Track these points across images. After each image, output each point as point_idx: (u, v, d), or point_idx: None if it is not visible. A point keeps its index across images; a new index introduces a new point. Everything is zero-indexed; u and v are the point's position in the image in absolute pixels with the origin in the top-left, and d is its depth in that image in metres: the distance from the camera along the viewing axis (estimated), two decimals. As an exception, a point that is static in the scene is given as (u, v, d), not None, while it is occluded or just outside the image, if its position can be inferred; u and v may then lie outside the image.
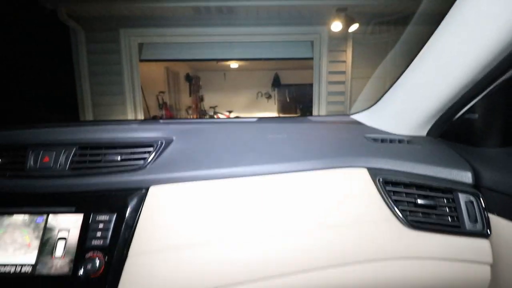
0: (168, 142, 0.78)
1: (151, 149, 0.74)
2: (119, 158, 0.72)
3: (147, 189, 0.69)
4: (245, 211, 0.66)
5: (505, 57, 0.59)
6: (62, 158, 0.72)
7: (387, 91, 0.92)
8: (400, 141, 0.82)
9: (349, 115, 1.09)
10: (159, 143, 0.75)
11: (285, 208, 0.66)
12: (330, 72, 2.05)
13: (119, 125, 0.85)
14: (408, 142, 0.82)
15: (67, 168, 0.71)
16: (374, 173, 0.71)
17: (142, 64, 2.26)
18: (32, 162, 0.71)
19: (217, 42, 2.34)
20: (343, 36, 1.97)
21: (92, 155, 0.73)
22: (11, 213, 0.69)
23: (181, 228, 0.64)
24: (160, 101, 4.36)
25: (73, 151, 0.72)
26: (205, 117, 3.96)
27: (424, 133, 0.87)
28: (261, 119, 1.14)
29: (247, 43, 2.30)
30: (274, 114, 4.01)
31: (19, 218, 0.69)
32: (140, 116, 2.28)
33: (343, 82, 2.00)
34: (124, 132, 0.80)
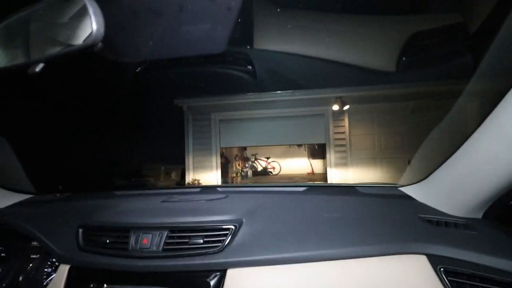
0: (240, 224, 0.90)
1: (227, 232, 0.87)
2: (201, 241, 0.85)
3: (225, 271, 0.80)
4: None
5: None
6: (157, 240, 0.87)
7: (440, 165, 0.93)
8: (456, 225, 0.85)
9: (397, 186, 1.14)
10: (233, 227, 0.88)
11: None
12: (335, 132, 3.56)
13: (197, 203, 1.01)
14: (465, 226, 0.85)
15: (161, 250, 0.85)
16: (434, 261, 0.75)
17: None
18: (133, 243, 0.88)
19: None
20: (342, 111, 3.57)
21: (180, 237, 0.87)
22: (116, 289, 0.84)
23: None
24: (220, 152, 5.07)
25: (165, 234, 0.87)
26: (248, 162, 4.35)
27: (480, 215, 0.89)
28: (310, 189, 1.24)
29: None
30: (305, 158, 4.36)
31: (122, 293, 0.83)
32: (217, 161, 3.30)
33: (344, 138, 3.44)
34: (203, 214, 0.94)
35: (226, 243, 0.85)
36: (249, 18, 1.19)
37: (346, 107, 3.72)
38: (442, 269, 0.73)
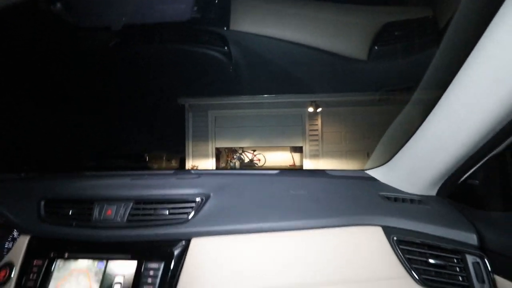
0: (207, 198, 0.91)
1: (193, 204, 0.88)
2: (167, 212, 0.86)
3: (189, 241, 0.81)
4: (271, 264, 0.76)
5: (509, 122, 0.65)
6: (121, 212, 0.86)
7: (399, 149, 1.01)
8: (412, 201, 0.91)
9: (364, 170, 1.20)
10: (199, 199, 0.89)
11: (305, 262, 0.76)
12: (310, 130, 4.26)
13: (167, 180, 1.01)
14: (419, 202, 0.91)
15: (125, 220, 0.85)
16: (388, 231, 0.80)
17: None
18: (97, 214, 0.87)
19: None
20: (316, 113, 4.30)
21: (145, 209, 0.87)
22: (77, 258, 0.83)
23: (218, 276, 0.75)
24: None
25: (130, 206, 0.87)
26: (236, 154, 4.62)
27: (433, 193, 0.95)
28: (282, 172, 1.27)
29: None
30: (287, 151, 4.74)
31: (84, 263, 0.82)
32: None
33: (317, 134, 4.18)
34: (171, 188, 0.95)
35: (191, 215, 0.86)
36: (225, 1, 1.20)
37: (319, 110, 4.50)
38: (395, 238, 0.78)
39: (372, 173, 1.14)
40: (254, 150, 4.73)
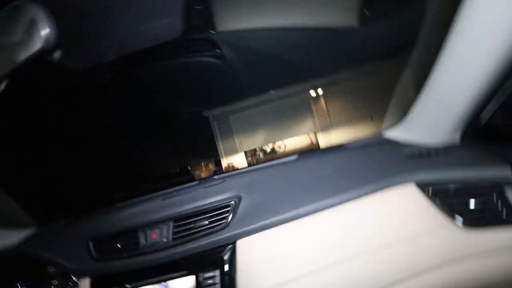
0: (239, 199, 0.94)
1: (228, 208, 0.91)
2: (207, 222, 0.89)
3: (234, 243, 0.85)
4: (316, 245, 0.79)
5: None
6: (165, 232, 0.91)
7: (413, 103, 1.00)
8: (437, 152, 0.91)
9: (382, 134, 1.19)
10: (233, 203, 0.92)
11: (348, 236, 0.78)
12: (317, 110, 3.58)
13: (196, 192, 1.05)
14: (445, 151, 0.90)
15: (171, 240, 0.89)
16: (422, 186, 0.81)
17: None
18: (144, 241, 0.91)
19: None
20: (318, 95, 3.61)
21: (186, 225, 0.91)
22: (138, 287, 0.88)
23: (271, 269, 0.79)
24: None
25: (171, 225, 0.91)
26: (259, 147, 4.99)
27: (457, 140, 0.94)
28: (301, 156, 1.28)
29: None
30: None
31: (146, 289, 0.87)
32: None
33: (324, 114, 3.59)
34: (202, 199, 0.98)
35: (230, 219, 0.89)
36: (206, 5, 1.19)
37: (321, 92, 4.58)
38: (430, 191, 0.78)
39: (391, 134, 1.13)
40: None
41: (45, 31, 0.48)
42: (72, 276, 1.04)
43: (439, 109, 0.87)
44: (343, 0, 1.32)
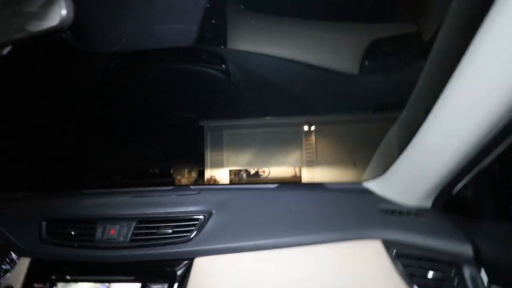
0: (209, 215, 0.92)
1: (196, 222, 0.89)
2: (170, 231, 0.87)
3: (192, 260, 0.82)
4: (275, 282, 0.77)
5: (501, 129, 0.65)
6: (124, 231, 0.87)
7: (394, 161, 1.03)
8: (408, 213, 0.94)
9: (361, 182, 1.22)
10: (202, 217, 0.90)
11: (307, 279, 0.77)
12: (306, 145, 4.12)
13: (168, 197, 1.02)
14: (416, 214, 0.93)
15: (128, 240, 0.85)
16: (388, 245, 0.82)
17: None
18: (100, 234, 0.87)
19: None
20: (310, 130, 4.17)
21: (148, 228, 0.88)
22: (78, 281, 0.83)
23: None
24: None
25: (133, 225, 0.87)
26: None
27: (429, 204, 0.98)
28: (281, 186, 1.28)
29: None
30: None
31: (86, 286, 0.82)
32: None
33: (312, 149, 4.06)
34: (172, 205, 0.95)
35: (194, 233, 0.86)
36: (222, 19, 1.24)
37: (313, 128, 4.90)
38: (394, 252, 0.79)
39: (369, 185, 1.16)
40: (258, 164, 5.02)
41: (63, 11, 0.48)
42: (12, 252, 0.97)
43: (417, 171, 0.91)
44: (349, 47, 1.41)
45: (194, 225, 0.88)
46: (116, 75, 1.33)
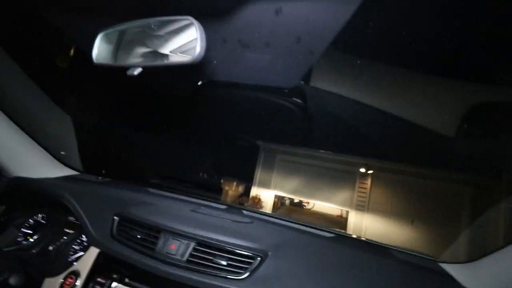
0: (265, 256, 0.88)
1: (252, 261, 0.86)
2: (225, 263, 0.85)
3: None
4: None
5: None
6: (183, 249, 0.88)
7: (493, 251, 0.86)
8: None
9: (437, 261, 1.05)
10: (259, 258, 0.86)
11: None
12: (359, 187, 4.36)
13: (224, 221, 1.02)
14: None
15: (184, 260, 0.86)
16: None
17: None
18: (161, 245, 0.90)
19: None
20: (366, 174, 4.29)
21: (204, 253, 0.88)
22: (134, 287, 0.86)
23: None
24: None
25: (191, 246, 0.89)
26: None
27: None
28: (338, 237, 1.18)
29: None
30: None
31: (140, 294, 0.84)
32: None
33: (365, 193, 4.25)
34: (230, 234, 0.94)
35: (248, 274, 0.83)
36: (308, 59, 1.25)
37: (370, 171, 4.76)
38: None
39: (450, 268, 0.99)
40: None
41: (200, 50, 0.53)
42: (86, 239, 1.07)
43: None
44: (447, 107, 1.27)
45: (249, 263, 0.85)
46: (205, 93, 1.44)
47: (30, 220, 1.24)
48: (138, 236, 0.95)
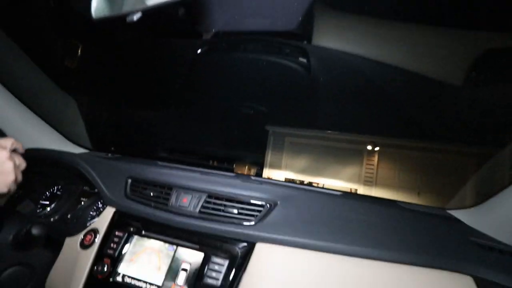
0: (275, 204, 0.91)
1: (261, 208, 0.88)
2: (236, 211, 0.88)
3: (254, 244, 0.82)
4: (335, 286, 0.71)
5: None
6: (195, 202, 0.92)
7: (498, 192, 0.87)
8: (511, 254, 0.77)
9: (445, 209, 1.06)
10: (268, 205, 0.89)
11: None
12: (367, 164, 4.24)
13: (233, 180, 1.05)
14: None
15: (197, 211, 0.90)
16: (481, 285, 0.69)
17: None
18: (174, 200, 0.93)
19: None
20: (373, 150, 4.16)
21: (216, 204, 0.91)
22: (151, 237, 0.90)
23: (279, 286, 0.73)
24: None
25: (203, 198, 0.92)
26: None
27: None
28: (346, 194, 1.20)
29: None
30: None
31: (156, 244, 0.89)
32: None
33: (372, 168, 4.16)
34: (239, 188, 0.97)
35: (259, 219, 0.86)
36: (310, 16, 1.24)
37: (377, 148, 4.79)
38: None
39: (457, 214, 1.00)
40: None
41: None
42: (99, 202, 1.11)
43: None
44: (453, 54, 1.24)
45: (259, 211, 0.88)
46: (206, 61, 1.44)
47: (47, 192, 1.29)
48: (151, 194, 0.98)
